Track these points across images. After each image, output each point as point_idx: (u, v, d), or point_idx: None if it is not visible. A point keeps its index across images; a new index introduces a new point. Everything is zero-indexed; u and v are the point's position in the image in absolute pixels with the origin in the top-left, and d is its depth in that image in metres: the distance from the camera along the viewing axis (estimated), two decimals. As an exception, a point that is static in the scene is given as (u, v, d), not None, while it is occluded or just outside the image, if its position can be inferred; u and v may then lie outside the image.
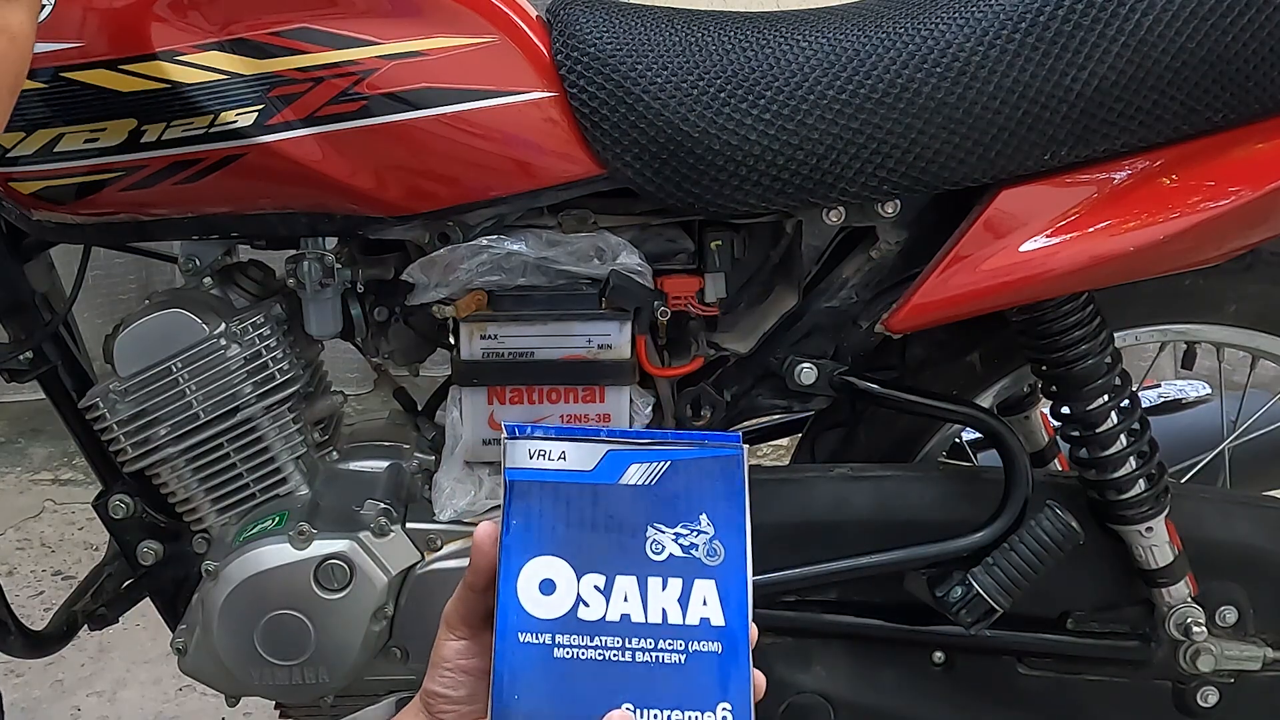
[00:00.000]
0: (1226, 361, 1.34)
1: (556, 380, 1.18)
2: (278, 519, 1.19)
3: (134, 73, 1.05)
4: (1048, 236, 1.09)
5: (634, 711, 0.66)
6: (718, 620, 0.68)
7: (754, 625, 0.68)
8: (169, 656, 1.26)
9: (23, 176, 1.09)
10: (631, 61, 1.09)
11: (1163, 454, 1.20)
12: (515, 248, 1.15)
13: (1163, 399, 1.58)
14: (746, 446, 0.71)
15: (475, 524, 1.19)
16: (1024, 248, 1.09)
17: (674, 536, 0.69)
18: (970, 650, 1.23)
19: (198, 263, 1.23)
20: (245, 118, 1.06)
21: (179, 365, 1.16)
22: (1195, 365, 1.36)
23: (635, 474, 0.70)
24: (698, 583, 0.68)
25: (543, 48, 1.10)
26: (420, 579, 1.20)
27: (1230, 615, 1.22)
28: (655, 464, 0.70)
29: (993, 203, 1.10)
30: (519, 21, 1.10)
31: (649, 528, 0.69)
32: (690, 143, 1.08)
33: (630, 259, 1.16)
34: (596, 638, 0.67)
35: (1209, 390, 1.59)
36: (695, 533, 0.69)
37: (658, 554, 0.69)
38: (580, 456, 0.70)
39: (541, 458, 0.70)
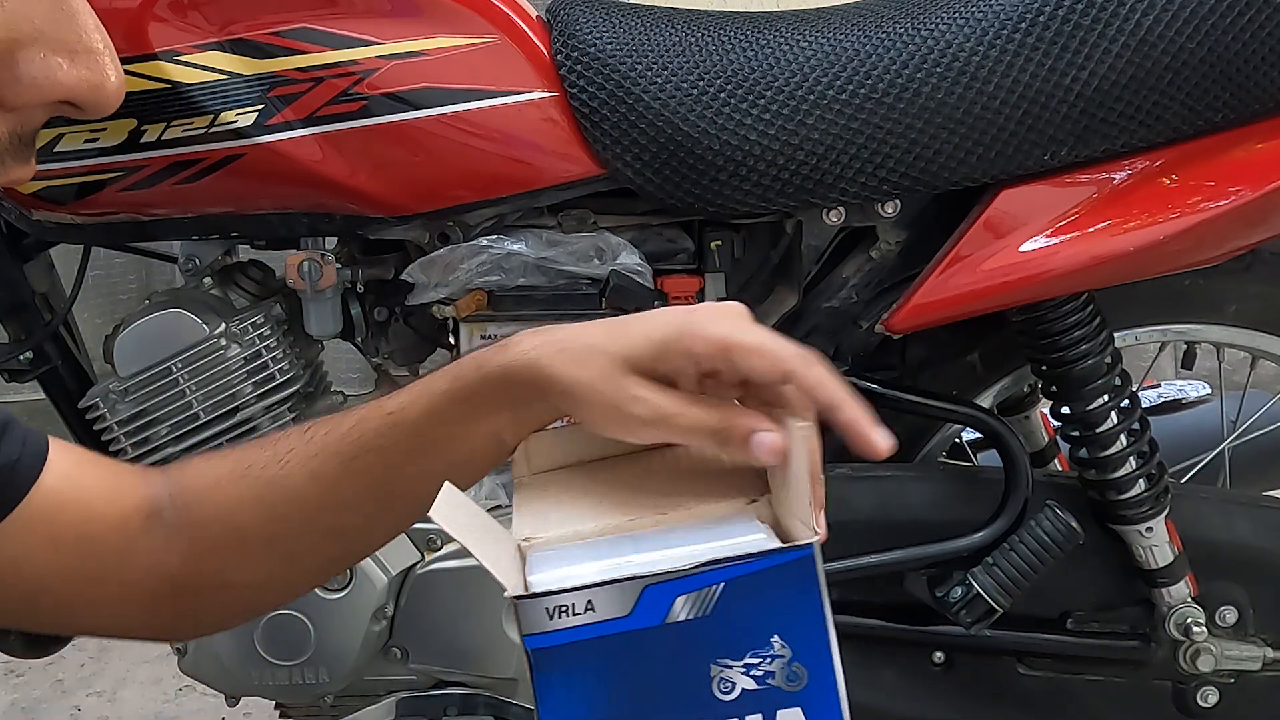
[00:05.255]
0: (1226, 361, 1.34)
1: (556, 380, 1.18)
2: (278, 519, 1.19)
3: (134, 73, 1.05)
4: (1048, 236, 1.09)
5: None
6: None
7: None
8: (169, 656, 1.26)
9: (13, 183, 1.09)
10: (631, 61, 1.09)
11: (1163, 454, 1.20)
12: (515, 248, 1.15)
13: (1163, 399, 1.59)
14: (818, 538, 0.59)
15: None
16: (1024, 248, 1.09)
17: (744, 669, 0.58)
18: (970, 650, 1.23)
19: (198, 263, 1.23)
20: (245, 118, 1.06)
21: (179, 365, 1.16)
22: (1195, 365, 1.36)
23: (684, 607, 0.57)
24: (781, 715, 0.58)
25: (543, 48, 1.10)
26: (420, 579, 1.20)
27: (1230, 615, 1.22)
28: (706, 590, 0.57)
29: (993, 203, 1.10)
30: (519, 21, 1.10)
31: (712, 665, 0.58)
32: (690, 143, 1.08)
33: (630, 259, 1.16)
34: None
35: (1209, 390, 1.59)
36: (769, 659, 0.58)
37: (728, 693, 0.58)
38: (611, 602, 0.57)
39: (564, 614, 0.57)
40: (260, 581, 0.79)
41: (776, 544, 0.60)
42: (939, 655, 1.23)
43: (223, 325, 1.17)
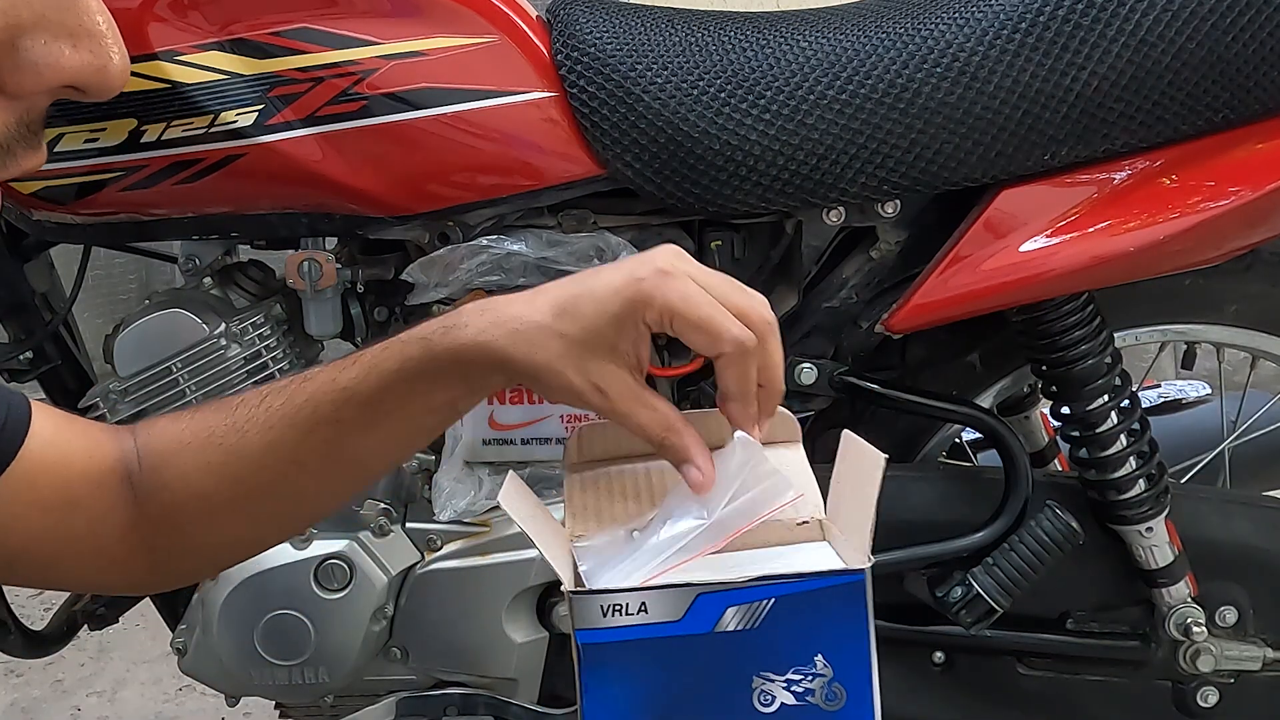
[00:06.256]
0: (1226, 361, 1.34)
1: (556, 380, 1.18)
2: (278, 519, 1.19)
3: (134, 73, 1.05)
4: (1048, 236, 1.09)
5: None
6: None
7: None
8: (169, 656, 1.26)
9: (23, 176, 1.09)
10: (631, 61, 1.09)
11: (1163, 454, 1.20)
12: (515, 248, 1.15)
13: (1163, 399, 1.59)
14: (870, 565, 0.61)
15: (475, 524, 1.20)
16: (1024, 248, 1.09)
17: (785, 684, 0.60)
18: (970, 650, 1.23)
19: (198, 263, 1.23)
20: (245, 118, 1.06)
21: (179, 365, 1.16)
22: (1195, 365, 1.36)
23: (734, 618, 0.59)
24: None
25: (543, 48, 1.10)
26: (420, 579, 1.20)
27: (1230, 615, 1.22)
28: (757, 603, 0.59)
29: (993, 203, 1.10)
30: (519, 21, 1.10)
31: (755, 677, 0.60)
32: (690, 143, 1.08)
33: (630, 259, 1.16)
34: None
35: (1209, 390, 1.59)
36: (810, 676, 0.60)
37: (767, 706, 0.60)
38: (665, 606, 0.59)
39: (617, 613, 0.59)
40: (228, 540, 0.82)
41: (836, 564, 0.62)
42: (939, 655, 1.23)
43: (223, 325, 1.17)
